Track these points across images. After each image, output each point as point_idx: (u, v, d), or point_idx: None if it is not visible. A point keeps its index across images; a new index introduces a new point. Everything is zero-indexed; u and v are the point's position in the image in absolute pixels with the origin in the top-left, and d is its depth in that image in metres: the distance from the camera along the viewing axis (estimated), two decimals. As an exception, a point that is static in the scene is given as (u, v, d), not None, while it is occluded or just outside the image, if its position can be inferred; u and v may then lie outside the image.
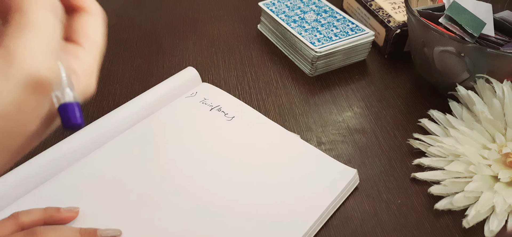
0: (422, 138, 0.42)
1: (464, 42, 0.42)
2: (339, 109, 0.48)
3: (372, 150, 0.43)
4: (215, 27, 0.63)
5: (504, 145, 0.39)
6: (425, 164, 0.40)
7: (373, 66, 0.56)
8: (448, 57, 0.43)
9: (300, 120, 0.47)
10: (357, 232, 0.35)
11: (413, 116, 0.47)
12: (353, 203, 0.38)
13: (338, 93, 0.51)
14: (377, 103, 0.49)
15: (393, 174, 0.41)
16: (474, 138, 0.41)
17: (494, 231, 0.34)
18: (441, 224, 0.36)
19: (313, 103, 0.49)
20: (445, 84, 0.47)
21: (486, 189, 0.36)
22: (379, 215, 0.37)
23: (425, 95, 0.51)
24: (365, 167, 0.41)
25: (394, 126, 0.46)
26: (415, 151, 0.43)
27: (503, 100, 0.41)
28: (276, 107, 0.48)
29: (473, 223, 0.35)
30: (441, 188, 0.37)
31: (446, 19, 0.46)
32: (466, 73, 0.44)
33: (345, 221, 0.36)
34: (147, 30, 0.62)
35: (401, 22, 0.55)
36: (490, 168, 0.38)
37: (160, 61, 0.55)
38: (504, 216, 0.35)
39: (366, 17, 0.60)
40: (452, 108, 0.45)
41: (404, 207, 0.38)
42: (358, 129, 0.46)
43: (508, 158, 0.38)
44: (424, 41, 0.45)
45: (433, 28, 0.43)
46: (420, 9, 0.51)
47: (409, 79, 0.54)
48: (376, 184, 0.40)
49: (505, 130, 0.40)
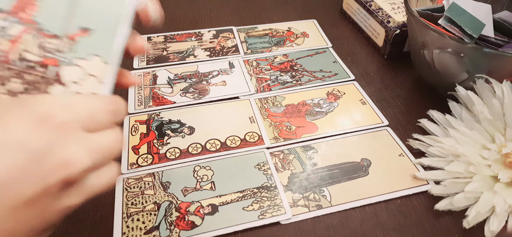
0: (422, 138, 0.42)
1: (464, 42, 0.42)
2: (338, 110, 0.48)
3: (372, 150, 0.43)
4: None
5: (504, 145, 0.39)
6: (425, 164, 0.40)
7: (373, 67, 0.56)
8: (448, 57, 0.43)
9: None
10: (357, 232, 0.35)
11: (413, 116, 0.47)
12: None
13: (338, 94, 0.51)
14: (376, 103, 0.49)
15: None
16: (474, 138, 0.41)
17: (494, 231, 0.34)
18: (441, 224, 0.36)
19: (312, 103, 0.49)
20: (445, 84, 0.47)
21: (486, 189, 0.36)
22: (379, 215, 0.37)
23: (424, 95, 0.51)
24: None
25: (394, 126, 0.46)
26: (415, 152, 0.43)
27: (502, 100, 0.41)
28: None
29: (473, 223, 0.35)
30: (441, 189, 0.37)
31: (446, 20, 0.46)
32: (465, 73, 0.44)
33: (345, 221, 0.36)
34: (147, 30, 0.62)
35: (401, 23, 0.55)
36: (490, 168, 0.38)
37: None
38: (504, 217, 0.35)
39: (366, 17, 0.61)
40: (452, 108, 0.45)
41: (404, 207, 0.38)
42: (357, 130, 0.46)
43: (508, 158, 0.38)
44: (423, 41, 0.45)
45: (433, 29, 0.43)
46: (420, 10, 0.51)
47: (408, 79, 0.54)
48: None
49: (505, 130, 0.40)
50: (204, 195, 0.37)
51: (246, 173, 0.40)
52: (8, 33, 0.22)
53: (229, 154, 0.42)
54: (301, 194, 0.38)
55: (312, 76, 0.53)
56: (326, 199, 0.38)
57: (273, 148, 0.43)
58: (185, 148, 0.42)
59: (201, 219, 0.35)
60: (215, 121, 0.46)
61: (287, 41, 0.60)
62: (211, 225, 0.35)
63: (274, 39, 0.61)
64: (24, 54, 0.23)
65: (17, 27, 0.22)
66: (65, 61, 0.24)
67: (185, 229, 0.35)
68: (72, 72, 0.24)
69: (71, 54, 0.24)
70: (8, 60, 0.23)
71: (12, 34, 0.22)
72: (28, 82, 0.23)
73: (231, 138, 0.44)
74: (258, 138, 0.44)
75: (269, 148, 0.43)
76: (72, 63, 0.24)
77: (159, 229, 0.35)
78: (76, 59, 0.24)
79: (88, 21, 0.24)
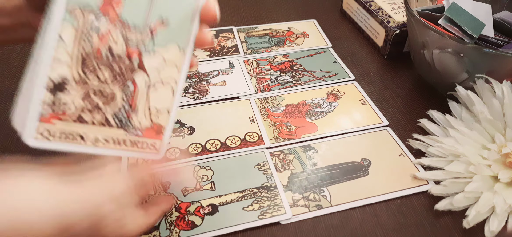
0: (422, 138, 0.42)
1: (464, 42, 0.42)
2: (338, 110, 0.48)
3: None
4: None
5: (504, 145, 0.39)
6: (425, 164, 0.40)
7: (373, 67, 0.56)
8: (448, 57, 0.43)
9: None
10: (357, 232, 0.35)
11: (413, 116, 0.47)
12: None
13: (338, 94, 0.51)
14: (376, 103, 0.49)
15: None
16: (474, 138, 0.41)
17: (494, 231, 0.34)
18: (441, 225, 0.36)
19: (312, 103, 0.49)
20: (445, 84, 0.47)
21: (486, 189, 0.36)
22: (379, 215, 0.37)
23: (424, 95, 0.51)
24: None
25: (394, 126, 0.46)
26: (415, 152, 0.43)
27: (502, 100, 0.41)
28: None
29: (473, 223, 0.35)
30: (441, 189, 0.37)
31: (446, 20, 0.46)
32: (465, 73, 0.44)
33: (345, 221, 0.36)
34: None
35: (401, 23, 0.55)
36: (490, 168, 0.38)
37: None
38: (504, 217, 0.35)
39: (366, 17, 0.61)
40: (452, 108, 0.45)
41: (404, 207, 0.38)
42: (357, 129, 0.46)
43: (508, 158, 0.38)
44: (423, 41, 0.45)
45: (433, 29, 0.43)
46: (420, 10, 0.51)
47: (408, 79, 0.54)
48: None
49: (505, 130, 0.40)
50: (204, 195, 0.37)
51: (246, 173, 0.40)
52: (99, 29, 0.25)
53: (229, 154, 0.42)
54: (301, 194, 0.38)
55: (312, 76, 0.53)
56: (326, 199, 0.38)
57: (273, 148, 0.43)
58: (185, 148, 0.42)
59: (201, 219, 0.35)
60: (215, 121, 0.46)
61: (287, 41, 0.60)
62: (211, 225, 0.35)
63: (274, 39, 0.61)
64: (111, 47, 0.25)
65: (105, 23, 0.25)
66: (147, 51, 0.27)
67: (185, 229, 0.35)
68: (153, 60, 0.27)
69: (152, 44, 0.27)
70: (99, 54, 0.25)
71: (102, 30, 0.25)
72: (116, 73, 0.26)
73: (231, 138, 0.43)
74: (258, 138, 0.44)
75: (269, 148, 0.43)
76: (153, 51, 0.27)
77: (159, 229, 0.35)
78: (157, 48, 0.27)
79: (166, 12, 0.27)
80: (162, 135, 0.29)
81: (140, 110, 0.27)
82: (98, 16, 0.25)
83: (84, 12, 0.24)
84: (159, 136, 0.29)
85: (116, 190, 0.26)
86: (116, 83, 0.26)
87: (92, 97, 0.26)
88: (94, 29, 0.25)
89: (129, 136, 0.27)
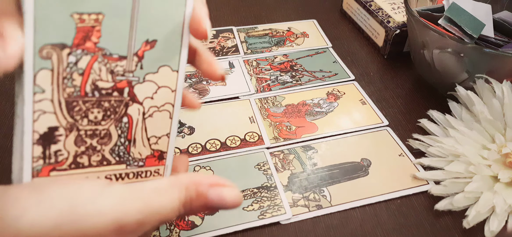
0: (422, 138, 0.42)
1: (464, 42, 0.42)
2: (338, 110, 0.48)
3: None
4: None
5: (504, 145, 0.39)
6: (425, 164, 0.40)
7: (373, 66, 0.56)
8: (448, 57, 0.43)
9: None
10: (357, 232, 0.35)
11: (413, 116, 0.47)
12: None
13: (338, 94, 0.51)
14: (376, 103, 0.49)
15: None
16: (474, 138, 0.41)
17: (495, 231, 0.34)
18: (441, 225, 0.36)
19: (312, 103, 0.49)
20: (445, 84, 0.47)
21: (486, 189, 0.36)
22: (379, 215, 0.37)
23: (424, 95, 0.51)
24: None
25: (394, 126, 0.46)
26: (415, 152, 0.43)
27: (502, 100, 0.41)
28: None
29: (473, 223, 0.35)
30: (441, 189, 0.37)
31: (446, 20, 0.46)
32: (465, 73, 0.44)
33: (345, 221, 0.36)
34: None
35: (401, 23, 0.55)
36: (490, 168, 0.38)
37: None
38: (504, 217, 0.35)
39: (366, 17, 0.61)
40: (452, 108, 0.45)
41: (404, 207, 0.38)
42: (357, 130, 0.46)
43: (508, 159, 0.38)
44: (423, 41, 0.45)
45: (433, 29, 0.43)
46: (420, 10, 0.51)
47: (408, 79, 0.54)
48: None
49: (505, 130, 0.40)
50: (204, 195, 0.37)
51: (246, 173, 0.40)
52: (78, 66, 0.23)
53: (229, 154, 0.42)
54: (301, 194, 0.38)
55: (312, 76, 0.53)
56: (326, 199, 0.38)
57: (273, 148, 0.43)
58: (185, 148, 0.42)
59: (201, 219, 0.35)
60: (215, 121, 0.46)
61: (287, 41, 0.60)
62: (211, 225, 0.35)
63: (274, 39, 0.61)
64: (97, 83, 0.23)
65: (85, 58, 0.23)
66: (136, 80, 0.25)
67: (185, 229, 0.35)
68: (145, 87, 0.25)
69: (141, 71, 0.25)
70: (83, 94, 0.23)
71: (82, 67, 0.23)
72: (106, 109, 0.24)
73: (231, 138, 0.44)
74: (258, 138, 0.44)
75: (269, 148, 0.43)
76: (144, 80, 0.25)
77: (159, 229, 0.35)
78: (147, 75, 0.25)
79: (150, 33, 0.24)
80: (164, 160, 0.27)
81: (138, 141, 0.26)
82: (74, 51, 0.22)
83: (55, 50, 0.22)
84: (162, 161, 0.27)
85: (167, 208, 0.24)
86: (109, 120, 0.24)
87: (86, 139, 0.24)
88: (73, 67, 0.23)
89: (131, 168, 0.26)
